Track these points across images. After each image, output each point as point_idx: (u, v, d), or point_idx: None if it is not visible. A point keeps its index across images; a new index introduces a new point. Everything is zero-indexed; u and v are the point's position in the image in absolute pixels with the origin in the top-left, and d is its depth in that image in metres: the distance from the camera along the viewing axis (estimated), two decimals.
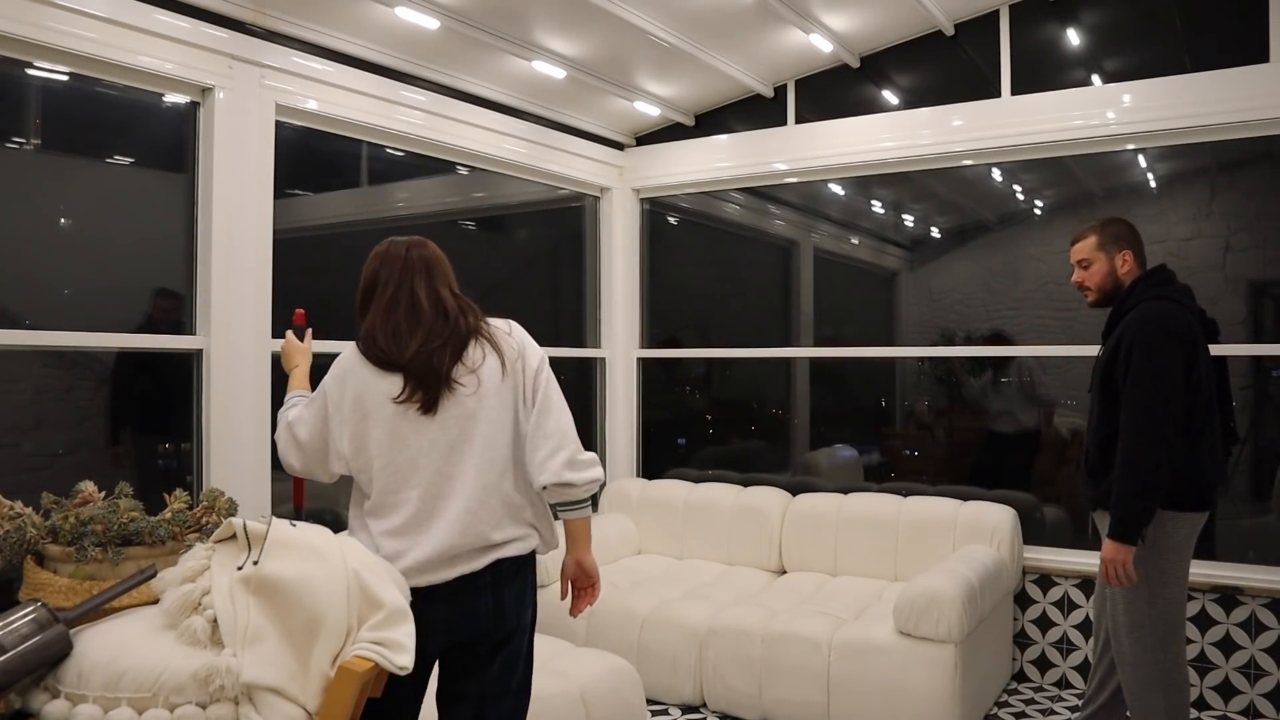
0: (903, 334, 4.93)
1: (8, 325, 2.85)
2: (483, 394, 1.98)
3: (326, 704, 1.68)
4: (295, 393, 2.24)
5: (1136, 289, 2.81)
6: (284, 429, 2.12)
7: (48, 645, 1.68)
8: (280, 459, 2.15)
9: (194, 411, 3.20)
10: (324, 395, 2.05)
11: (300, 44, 3.45)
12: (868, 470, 4.97)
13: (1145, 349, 2.63)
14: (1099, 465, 2.77)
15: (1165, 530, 2.69)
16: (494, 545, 1.96)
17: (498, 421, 1.99)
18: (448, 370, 1.96)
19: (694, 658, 3.70)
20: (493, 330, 2.05)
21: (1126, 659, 2.75)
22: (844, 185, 5.03)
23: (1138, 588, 2.69)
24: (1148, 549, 2.68)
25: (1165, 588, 2.70)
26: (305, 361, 2.34)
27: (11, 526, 2.04)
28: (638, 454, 5.20)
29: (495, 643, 1.98)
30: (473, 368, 1.98)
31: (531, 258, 5.28)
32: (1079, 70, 4.20)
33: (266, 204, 3.31)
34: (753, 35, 4.17)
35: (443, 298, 2.03)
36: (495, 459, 1.98)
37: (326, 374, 2.07)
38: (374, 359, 1.98)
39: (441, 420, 1.96)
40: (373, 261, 2.09)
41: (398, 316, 1.99)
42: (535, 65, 4.07)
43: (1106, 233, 2.88)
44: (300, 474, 2.12)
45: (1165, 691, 2.70)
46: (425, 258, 2.07)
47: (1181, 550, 2.72)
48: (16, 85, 2.90)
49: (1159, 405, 2.59)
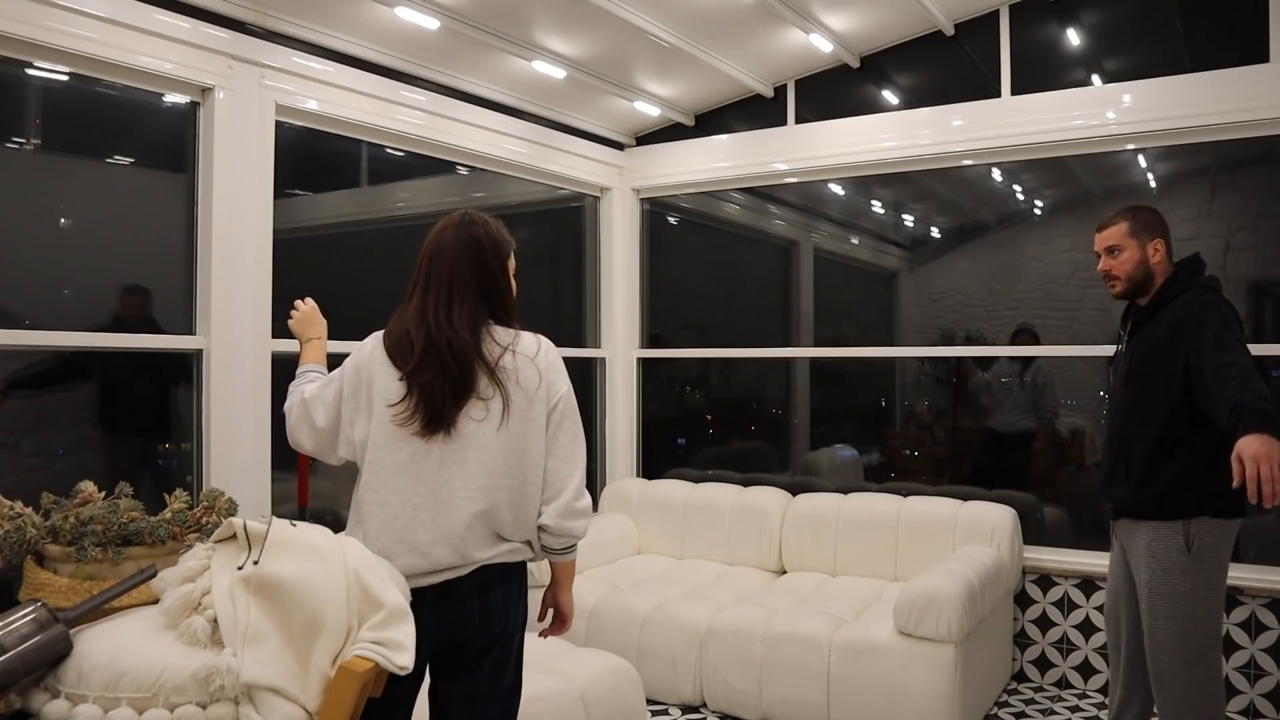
0: (903, 334, 4.93)
1: (8, 325, 2.85)
2: (489, 424, 1.93)
3: (326, 704, 1.68)
4: (310, 365, 2.17)
5: (1179, 277, 2.64)
6: (298, 405, 2.06)
7: (48, 645, 1.68)
8: (289, 434, 2.09)
9: (194, 411, 3.21)
10: (340, 380, 2.02)
11: (300, 44, 3.45)
12: (868, 470, 4.96)
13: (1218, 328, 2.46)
14: (1147, 469, 2.58)
15: (1214, 539, 2.56)
16: (477, 559, 1.94)
17: (498, 452, 1.93)
18: (451, 405, 1.90)
19: (694, 658, 3.70)
20: (515, 360, 1.96)
21: (1165, 677, 2.60)
22: (844, 185, 5.03)
23: (1183, 600, 2.55)
24: (1194, 560, 2.55)
25: (1209, 599, 2.57)
26: (323, 333, 2.27)
27: (11, 526, 2.04)
28: (638, 454, 5.20)
29: (484, 644, 1.97)
30: (484, 398, 1.93)
31: (531, 258, 5.29)
32: (1079, 70, 4.20)
33: (266, 204, 3.31)
34: (753, 35, 4.17)
35: (444, 328, 1.93)
36: (489, 487, 1.92)
37: (349, 356, 2.03)
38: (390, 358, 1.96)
39: (440, 437, 1.92)
40: (423, 254, 2.02)
41: (401, 328, 1.96)
42: (535, 65, 4.07)
43: (1139, 219, 2.69)
44: (310, 453, 2.09)
45: (1204, 711, 2.58)
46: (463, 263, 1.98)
47: (1226, 559, 2.60)
48: (16, 85, 2.90)
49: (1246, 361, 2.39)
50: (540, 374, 1.97)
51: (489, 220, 2.06)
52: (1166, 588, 2.58)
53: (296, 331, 2.27)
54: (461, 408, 1.92)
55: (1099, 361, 4.13)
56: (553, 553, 2.03)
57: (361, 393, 1.98)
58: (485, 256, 2.01)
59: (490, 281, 2.01)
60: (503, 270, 2.04)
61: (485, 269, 2.01)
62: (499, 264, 2.03)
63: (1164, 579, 2.58)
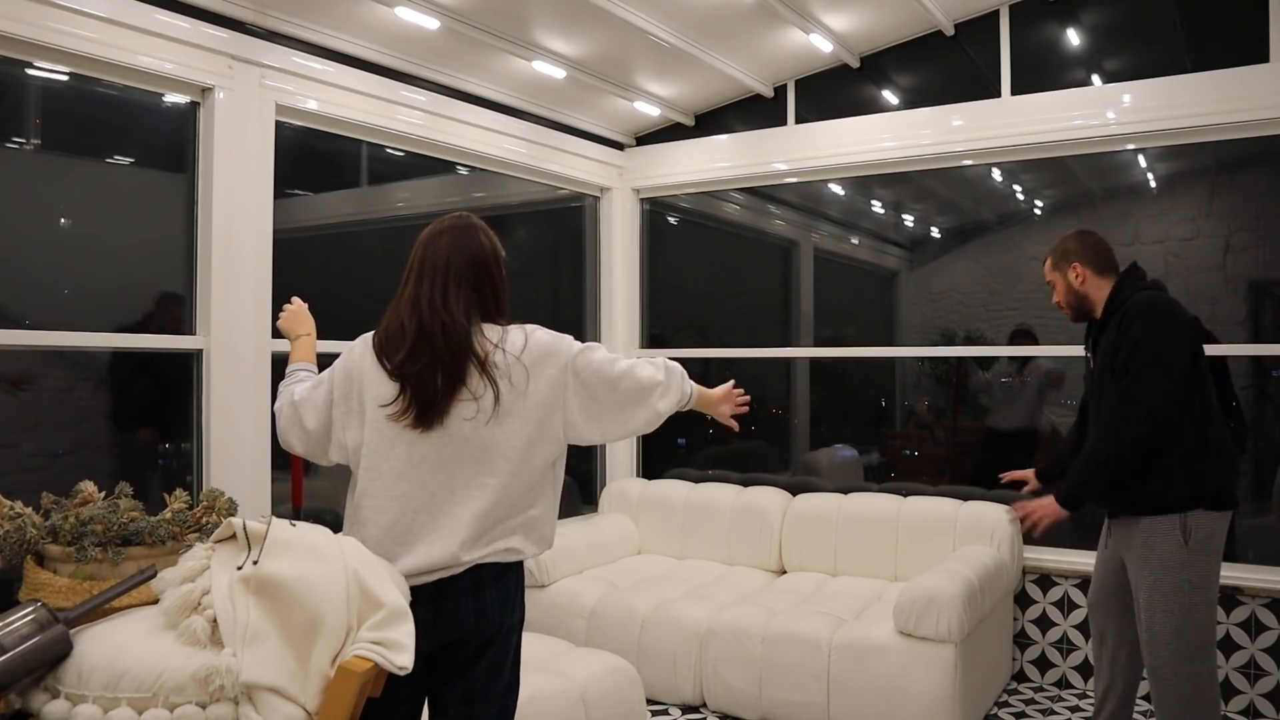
0: (903, 334, 4.93)
1: (8, 325, 2.85)
2: (480, 421, 1.92)
3: (326, 704, 1.68)
4: (299, 365, 2.17)
5: (1123, 285, 2.79)
6: (288, 406, 2.05)
7: (48, 645, 1.68)
8: (280, 436, 2.08)
9: (194, 411, 3.21)
10: (330, 382, 2.01)
11: (300, 44, 3.45)
12: (868, 470, 4.97)
13: (1151, 333, 2.62)
14: (1137, 469, 2.67)
15: (1209, 530, 2.62)
16: (472, 558, 1.93)
17: (492, 450, 1.92)
18: (442, 397, 1.90)
19: (694, 658, 3.70)
20: (505, 358, 1.93)
21: (1163, 673, 2.66)
22: (844, 185, 5.03)
23: (1181, 593, 2.62)
24: (1191, 553, 2.61)
25: (1206, 590, 2.64)
26: (312, 329, 2.26)
27: (11, 526, 2.04)
28: (638, 454, 5.20)
29: (480, 643, 1.96)
30: (475, 396, 1.92)
31: (531, 258, 5.29)
32: (1079, 70, 4.20)
33: (266, 204, 3.31)
34: (753, 35, 4.17)
35: (439, 312, 1.92)
36: (490, 486, 1.92)
37: (338, 358, 2.03)
38: (379, 357, 1.96)
39: (435, 438, 1.92)
40: (417, 246, 2.02)
41: (393, 323, 1.96)
42: (535, 65, 4.07)
43: (1056, 251, 2.92)
44: (301, 455, 2.09)
45: (1202, 707, 2.63)
46: (459, 255, 1.98)
47: (1220, 551, 2.66)
48: (16, 85, 2.90)
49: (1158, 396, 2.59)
50: (527, 370, 1.95)
51: (485, 225, 2.07)
52: (1165, 583, 2.64)
53: (285, 330, 2.28)
54: (453, 398, 1.91)
55: None
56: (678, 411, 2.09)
57: (353, 396, 1.98)
58: (483, 253, 2.01)
59: (486, 276, 2.01)
60: (498, 268, 2.04)
61: (482, 264, 2.01)
62: (495, 263, 2.03)
63: (1162, 574, 2.65)
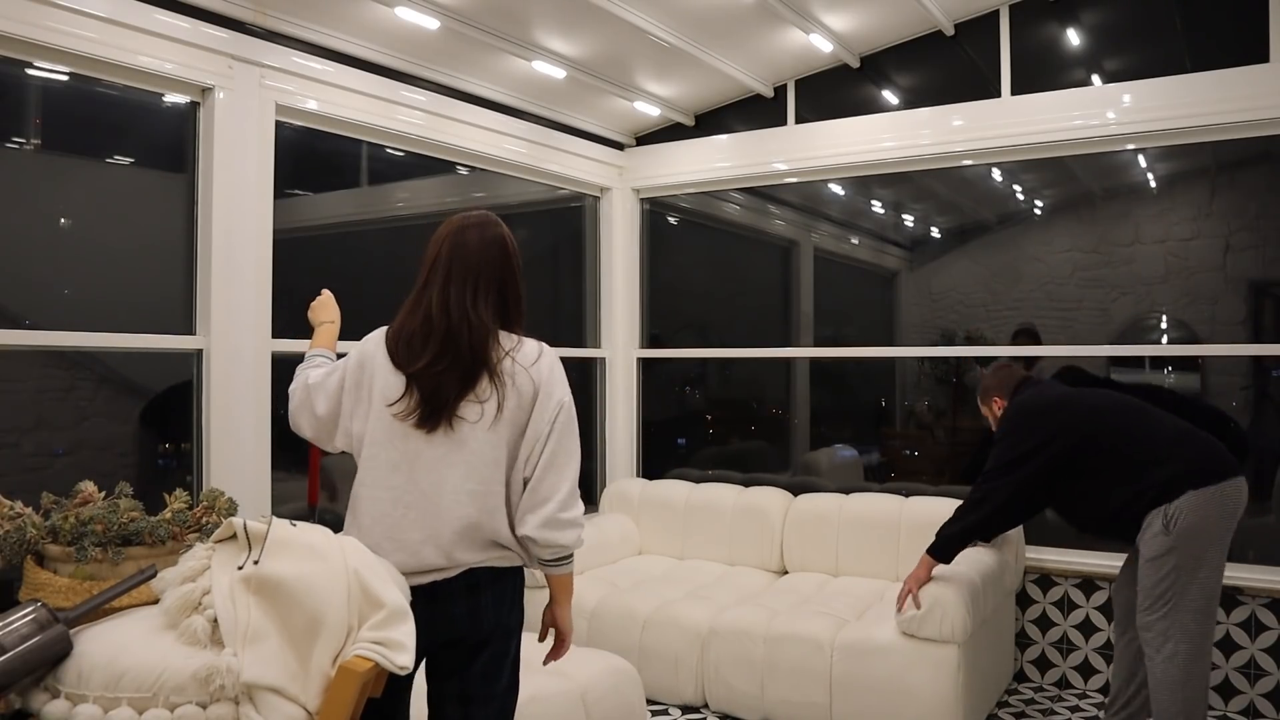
0: (903, 334, 4.93)
1: (8, 325, 2.84)
2: (480, 426, 1.92)
3: (327, 704, 1.67)
4: (318, 351, 2.20)
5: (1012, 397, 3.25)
6: (301, 389, 2.08)
7: (48, 645, 1.67)
8: (290, 417, 2.11)
9: (194, 411, 3.20)
10: (343, 371, 2.03)
11: (300, 44, 3.44)
12: (868, 470, 4.96)
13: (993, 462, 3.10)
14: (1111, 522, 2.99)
15: (1192, 512, 2.77)
16: (465, 562, 1.93)
17: (488, 458, 1.92)
18: (454, 399, 1.91)
19: (695, 658, 3.70)
20: (514, 366, 1.94)
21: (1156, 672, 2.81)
22: (844, 185, 5.03)
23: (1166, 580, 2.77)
24: (1175, 538, 2.76)
25: (1194, 572, 2.76)
26: (336, 318, 2.29)
27: (11, 526, 2.04)
28: (638, 454, 5.20)
29: (476, 642, 1.96)
30: (481, 399, 1.92)
31: (531, 258, 5.28)
32: (1079, 70, 4.20)
33: (266, 204, 3.31)
34: (753, 35, 4.17)
35: (468, 315, 1.92)
36: (476, 492, 1.91)
37: (354, 348, 2.05)
38: (391, 355, 1.97)
39: (435, 438, 1.92)
40: (441, 240, 2.02)
41: (415, 322, 1.96)
42: (535, 65, 4.07)
43: (979, 391, 3.44)
44: (309, 439, 2.11)
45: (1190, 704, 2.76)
46: (479, 257, 1.98)
47: (1212, 529, 2.78)
48: (16, 85, 2.90)
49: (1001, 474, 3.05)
50: (535, 383, 1.95)
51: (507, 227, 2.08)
52: (1151, 569, 2.82)
53: (311, 316, 2.31)
54: (461, 402, 1.92)
55: (1100, 361, 4.13)
56: (545, 564, 1.99)
57: (364, 386, 1.99)
58: (509, 257, 2.03)
59: (511, 281, 2.02)
60: (519, 274, 2.05)
61: (508, 268, 2.02)
62: (518, 267, 2.04)
63: (1150, 566, 2.83)
